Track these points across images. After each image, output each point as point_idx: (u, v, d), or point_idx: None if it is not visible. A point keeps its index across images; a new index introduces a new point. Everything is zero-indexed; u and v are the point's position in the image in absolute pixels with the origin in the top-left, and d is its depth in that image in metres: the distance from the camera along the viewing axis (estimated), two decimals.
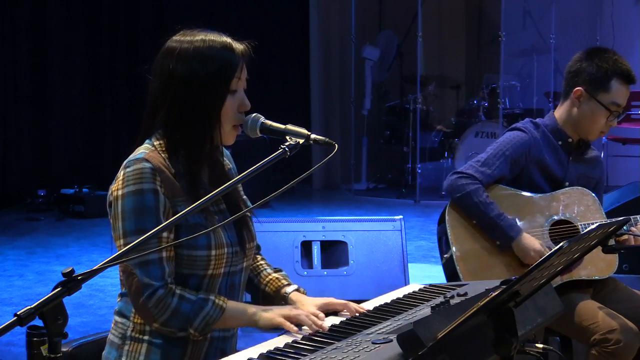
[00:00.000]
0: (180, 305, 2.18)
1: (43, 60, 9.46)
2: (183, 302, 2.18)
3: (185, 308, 2.18)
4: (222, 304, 2.21)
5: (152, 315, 2.18)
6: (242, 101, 2.27)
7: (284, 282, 2.44)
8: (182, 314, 2.18)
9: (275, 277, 2.46)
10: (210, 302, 2.20)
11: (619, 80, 3.30)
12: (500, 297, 1.69)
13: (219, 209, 2.31)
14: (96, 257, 6.96)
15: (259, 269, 2.50)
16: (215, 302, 2.21)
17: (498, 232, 3.23)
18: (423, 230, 7.89)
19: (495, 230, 3.23)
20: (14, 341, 4.74)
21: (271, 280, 2.45)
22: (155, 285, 2.16)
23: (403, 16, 10.71)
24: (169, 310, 2.17)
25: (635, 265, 4.60)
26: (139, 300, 2.18)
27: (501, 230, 3.22)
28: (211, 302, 2.20)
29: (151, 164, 2.21)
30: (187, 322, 2.18)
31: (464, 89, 11.74)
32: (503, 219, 3.22)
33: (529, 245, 3.20)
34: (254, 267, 2.49)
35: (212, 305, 2.20)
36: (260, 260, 2.53)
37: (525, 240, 3.21)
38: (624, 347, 3.06)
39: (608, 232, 1.90)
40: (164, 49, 2.27)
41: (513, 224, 3.23)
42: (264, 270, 2.49)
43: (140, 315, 2.22)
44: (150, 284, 2.16)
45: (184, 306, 2.18)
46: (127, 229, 2.18)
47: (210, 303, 2.20)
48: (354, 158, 10.47)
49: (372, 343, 1.85)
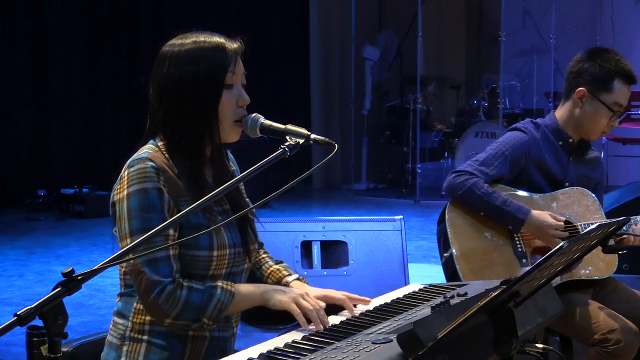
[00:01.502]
0: (190, 297, 2.18)
1: (43, 61, 9.47)
2: (192, 292, 2.18)
3: (195, 298, 2.18)
4: (230, 289, 2.22)
5: (164, 311, 2.17)
6: (240, 95, 2.27)
7: (284, 273, 2.47)
8: (194, 305, 2.18)
9: (277, 269, 2.49)
10: (219, 288, 2.21)
11: (621, 80, 3.30)
12: (500, 297, 1.69)
13: (223, 210, 2.31)
14: (96, 257, 6.96)
15: (261, 262, 2.52)
16: (224, 288, 2.21)
17: (507, 217, 3.23)
18: (423, 230, 7.89)
19: (504, 216, 3.23)
20: (14, 341, 4.74)
21: (273, 272, 2.48)
22: (165, 282, 2.17)
23: (403, 16, 10.72)
24: (180, 303, 2.17)
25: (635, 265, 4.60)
26: (149, 298, 2.18)
27: (510, 215, 3.22)
28: (220, 288, 2.21)
29: (154, 163, 2.22)
30: (200, 312, 2.18)
31: (464, 89, 11.75)
32: (509, 204, 3.23)
33: (540, 219, 3.21)
34: (256, 261, 2.51)
35: (221, 291, 2.20)
36: (263, 254, 2.55)
37: (536, 217, 3.22)
38: (624, 347, 3.06)
39: (608, 232, 1.90)
40: (158, 55, 2.30)
41: (520, 205, 3.24)
42: (266, 263, 2.51)
43: (151, 313, 2.22)
44: (160, 280, 2.16)
45: (194, 297, 2.18)
46: (134, 228, 2.18)
47: (219, 289, 2.20)
48: (354, 158, 10.47)
49: (372, 343, 1.85)
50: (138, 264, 2.17)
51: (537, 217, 3.22)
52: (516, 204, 3.23)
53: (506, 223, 3.26)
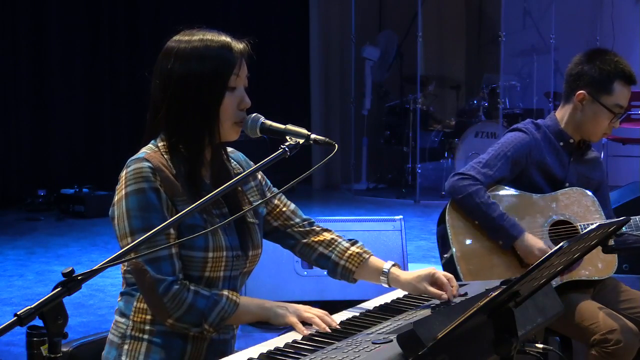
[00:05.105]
0: (195, 301, 2.18)
1: (43, 61, 9.46)
2: (198, 297, 2.18)
3: (200, 303, 2.18)
4: (235, 299, 2.22)
5: (167, 311, 2.17)
6: (242, 98, 2.27)
7: (365, 256, 2.47)
8: (198, 310, 2.18)
9: (356, 252, 2.48)
10: (225, 297, 2.21)
11: (621, 82, 3.30)
12: (500, 297, 1.69)
13: (221, 212, 2.30)
14: (96, 257, 6.96)
15: (333, 243, 2.50)
16: (230, 297, 2.22)
17: (500, 232, 3.23)
18: (423, 230, 7.89)
19: (498, 230, 3.23)
20: (14, 341, 4.74)
21: (352, 256, 2.47)
22: (169, 279, 2.17)
23: (403, 16, 10.71)
24: (184, 305, 2.17)
25: (635, 265, 4.61)
26: (153, 296, 2.18)
27: (504, 230, 3.22)
28: (225, 297, 2.21)
29: (150, 163, 2.21)
30: (202, 317, 2.18)
31: (464, 89, 11.74)
32: (505, 219, 3.22)
33: (532, 244, 3.20)
34: (327, 242, 2.50)
35: (226, 300, 2.21)
36: (331, 234, 2.53)
37: (528, 240, 3.21)
38: (624, 348, 3.06)
39: (608, 232, 1.90)
40: (163, 50, 2.28)
41: (515, 223, 3.23)
42: (339, 244, 2.50)
43: (154, 311, 2.22)
44: (163, 279, 2.16)
45: (200, 301, 2.18)
46: (134, 227, 2.18)
47: (224, 298, 2.21)
48: (354, 158, 10.47)
49: (372, 343, 1.85)
50: (140, 262, 2.17)
51: (530, 240, 3.20)
52: (512, 221, 3.22)
53: (498, 237, 3.24)
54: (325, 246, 2.49)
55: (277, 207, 2.50)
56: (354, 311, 2.31)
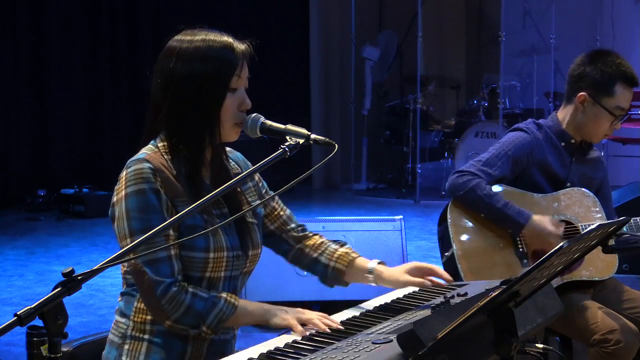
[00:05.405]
0: (193, 303, 2.18)
1: (43, 61, 9.47)
2: (196, 299, 2.19)
3: (198, 305, 2.18)
4: (234, 302, 2.22)
5: (165, 312, 2.17)
6: (243, 100, 2.27)
7: (353, 255, 2.50)
8: (195, 311, 2.18)
9: (344, 252, 2.50)
10: (223, 300, 2.21)
11: (622, 84, 3.29)
12: (500, 297, 1.68)
13: (221, 213, 2.30)
14: (96, 257, 6.96)
15: (322, 247, 2.52)
16: (228, 300, 2.22)
17: (508, 221, 3.23)
18: (423, 230, 7.89)
19: (505, 219, 3.23)
20: (14, 341, 4.74)
21: (341, 256, 2.49)
22: (167, 281, 2.17)
23: (403, 16, 10.71)
24: (182, 307, 2.17)
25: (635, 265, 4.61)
26: (151, 297, 2.18)
27: (510, 218, 3.22)
28: (223, 299, 2.21)
29: (151, 164, 2.21)
30: (200, 319, 2.18)
31: (464, 89, 11.75)
32: (510, 208, 3.22)
33: (541, 225, 3.21)
34: (316, 246, 2.52)
35: (224, 302, 2.21)
36: (321, 238, 2.55)
37: (537, 222, 3.21)
38: (624, 348, 3.06)
39: (608, 232, 1.90)
40: (165, 49, 2.28)
41: (521, 210, 3.23)
42: (329, 247, 2.52)
43: (153, 312, 2.22)
44: (162, 280, 2.17)
45: (198, 303, 2.18)
46: (133, 228, 2.18)
47: (222, 300, 2.21)
48: (354, 158, 10.47)
49: (372, 343, 1.85)
50: (139, 263, 2.17)
51: (538, 222, 3.22)
52: (517, 208, 3.23)
53: (506, 226, 3.25)
54: (315, 249, 2.51)
55: (275, 210, 2.51)
56: (354, 311, 2.31)
